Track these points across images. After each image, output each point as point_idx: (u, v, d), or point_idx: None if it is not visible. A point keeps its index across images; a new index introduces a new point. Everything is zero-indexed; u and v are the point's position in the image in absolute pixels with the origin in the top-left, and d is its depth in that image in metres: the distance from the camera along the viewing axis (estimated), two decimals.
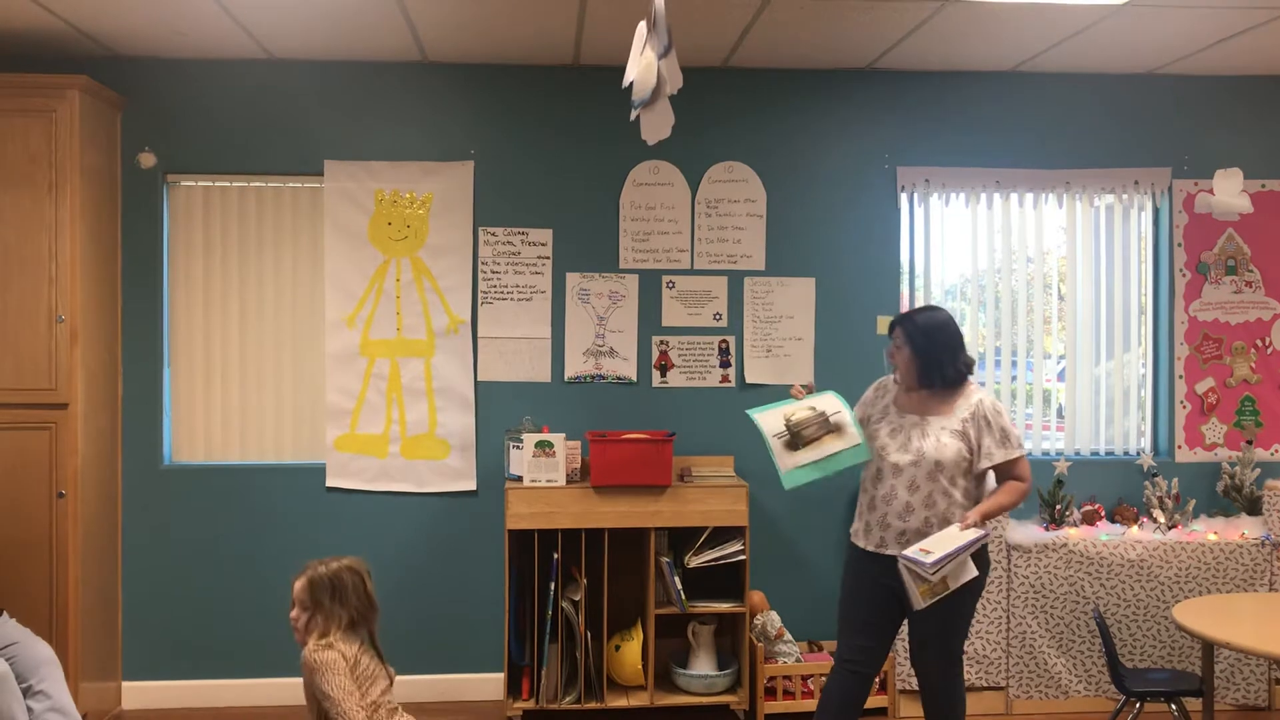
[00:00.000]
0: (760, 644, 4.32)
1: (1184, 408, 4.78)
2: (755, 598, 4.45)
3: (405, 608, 4.49)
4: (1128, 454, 4.84)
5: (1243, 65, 4.59)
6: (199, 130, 4.49)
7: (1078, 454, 4.82)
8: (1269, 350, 4.80)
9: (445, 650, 4.58)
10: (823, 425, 3.32)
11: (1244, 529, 4.46)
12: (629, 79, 2.69)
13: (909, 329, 3.35)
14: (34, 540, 4.00)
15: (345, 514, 4.53)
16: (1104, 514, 4.59)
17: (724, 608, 4.31)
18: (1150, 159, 4.77)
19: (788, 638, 4.40)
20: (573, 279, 4.61)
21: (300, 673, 2.86)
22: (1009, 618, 4.40)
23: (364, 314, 4.54)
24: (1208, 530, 4.48)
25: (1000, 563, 4.37)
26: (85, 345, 4.11)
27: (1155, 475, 4.67)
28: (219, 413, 4.60)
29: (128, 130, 4.47)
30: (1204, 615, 3.52)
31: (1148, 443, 4.88)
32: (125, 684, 4.49)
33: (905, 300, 4.77)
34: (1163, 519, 4.50)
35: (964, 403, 3.30)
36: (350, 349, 4.53)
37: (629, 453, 4.22)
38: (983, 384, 3.44)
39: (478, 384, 4.58)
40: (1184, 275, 4.78)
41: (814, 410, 3.35)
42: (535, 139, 4.59)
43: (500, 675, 4.47)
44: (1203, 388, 4.78)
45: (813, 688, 4.26)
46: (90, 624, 4.17)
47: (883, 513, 3.31)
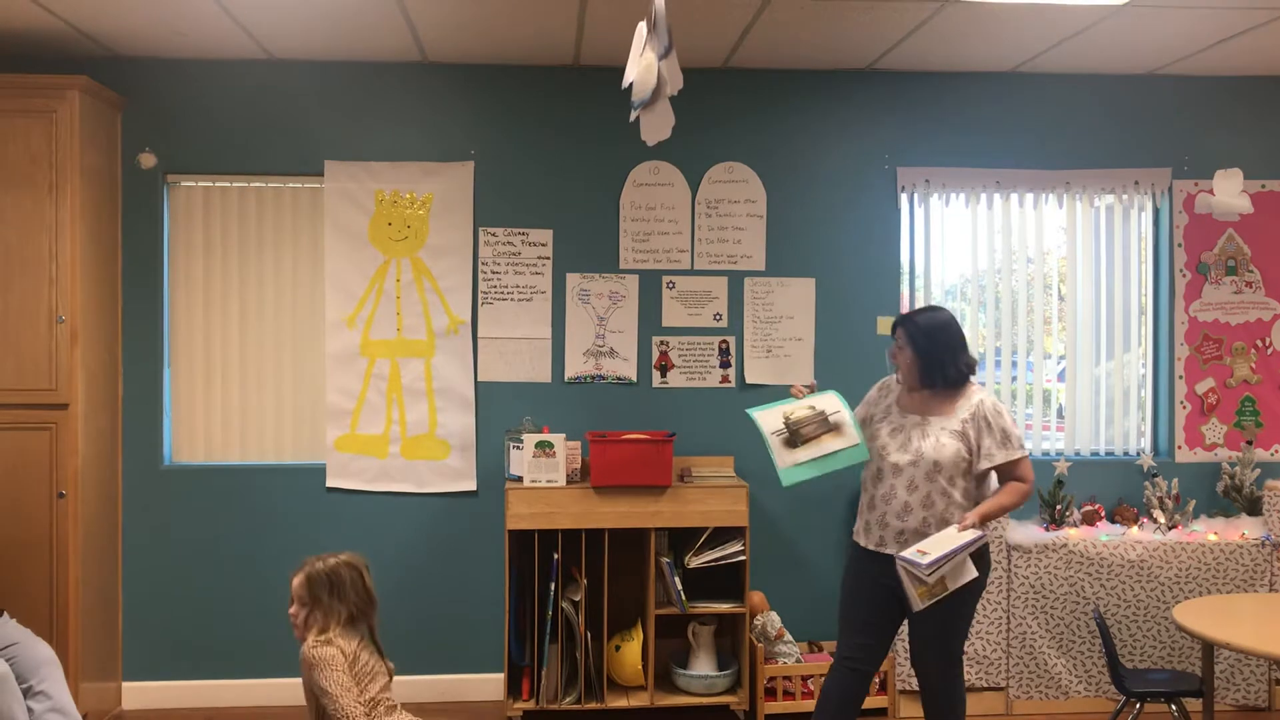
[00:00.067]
0: (760, 644, 4.32)
1: (1184, 408, 4.78)
2: (755, 598, 4.45)
3: (405, 608, 4.50)
4: (1128, 454, 4.85)
5: (1243, 66, 4.59)
6: (199, 130, 4.49)
7: (1078, 454, 4.82)
8: (1269, 351, 4.80)
9: (445, 650, 4.58)
10: (822, 424, 3.34)
11: (1244, 529, 4.46)
12: (629, 80, 2.69)
13: (911, 329, 3.36)
14: (34, 540, 4.00)
15: (345, 514, 4.53)
16: (1104, 514, 4.59)
17: (724, 608, 4.31)
18: (1150, 159, 4.77)
19: (788, 638, 4.40)
20: (573, 279, 4.61)
21: (300, 670, 2.86)
22: (1009, 618, 4.40)
23: (364, 314, 4.54)
24: (1208, 530, 4.48)
25: (1000, 563, 4.37)
26: (85, 345, 4.11)
27: (1155, 475, 4.67)
28: (219, 413, 4.60)
29: (128, 130, 4.47)
30: (1204, 616, 3.51)
31: (1148, 443, 4.88)
32: (125, 684, 4.50)
33: (905, 301, 4.77)
34: (1163, 519, 4.50)
35: (965, 403, 3.30)
36: (350, 349, 4.53)
37: (629, 453, 4.22)
38: (983, 384, 3.43)
39: (478, 384, 4.58)
40: (1184, 275, 4.78)
41: (813, 409, 3.37)
42: (535, 139, 4.59)
43: (500, 675, 4.47)
44: (1203, 388, 4.78)
45: (813, 688, 4.26)
46: (90, 624, 4.17)
47: (882, 512, 3.32)
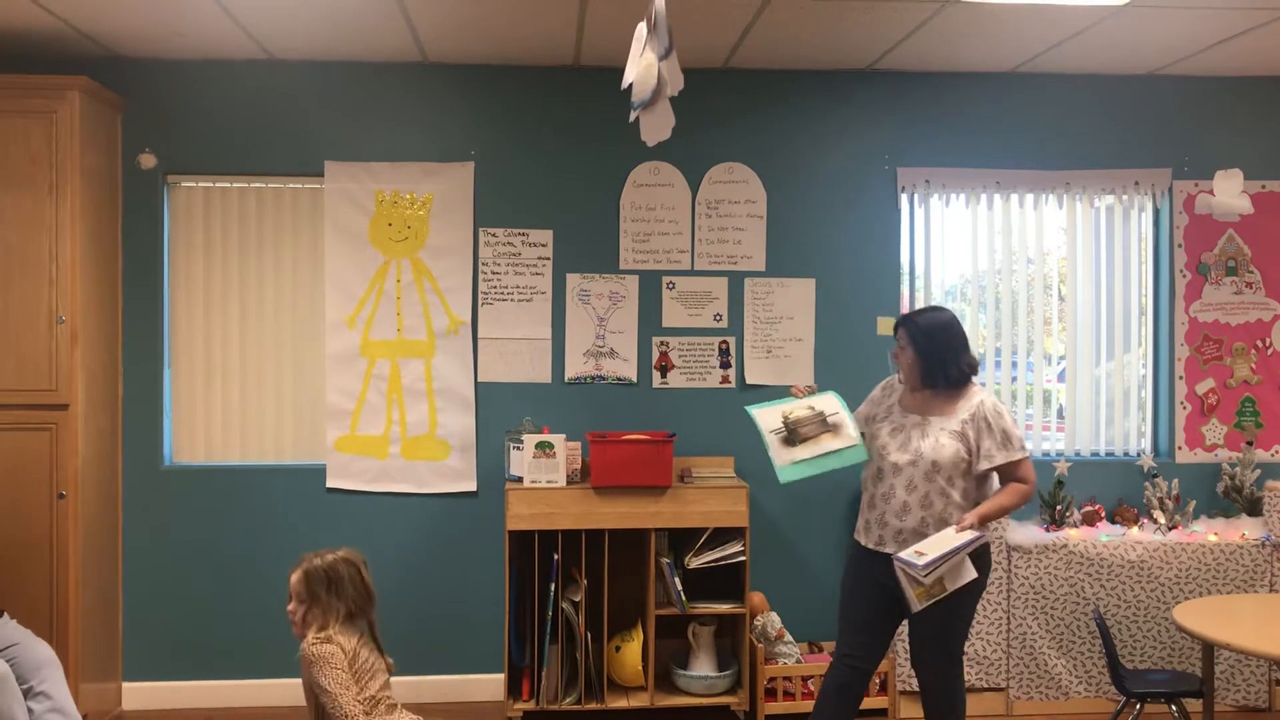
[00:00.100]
0: (760, 645, 4.32)
1: (1184, 408, 4.78)
2: (755, 599, 4.45)
3: (406, 609, 4.50)
4: (1128, 455, 4.84)
5: (1243, 66, 4.59)
6: (199, 131, 4.49)
7: (1078, 455, 4.82)
8: (1269, 351, 4.80)
9: (445, 651, 4.58)
10: (820, 424, 3.36)
11: (1244, 530, 4.46)
12: (628, 80, 2.69)
13: (912, 330, 3.36)
14: (34, 541, 4.00)
15: (345, 515, 4.53)
16: (1104, 515, 4.59)
17: (724, 609, 4.31)
18: (1150, 160, 4.77)
19: (788, 639, 4.40)
20: (573, 280, 4.61)
21: (299, 668, 2.85)
22: (1009, 619, 4.40)
23: (364, 315, 4.54)
24: (1208, 531, 4.48)
25: (1000, 563, 4.37)
26: (86, 346, 4.11)
27: (1155, 476, 4.67)
28: (219, 413, 4.60)
29: (128, 131, 4.47)
30: (1204, 616, 3.52)
31: (1148, 443, 4.88)
32: (125, 685, 4.49)
33: (905, 301, 4.77)
34: (1163, 520, 4.50)
35: (965, 404, 3.30)
36: (351, 350, 4.53)
37: (629, 453, 4.22)
38: (983, 385, 3.43)
39: (478, 385, 4.58)
40: (1184, 276, 4.78)
41: (812, 410, 3.40)
42: (536, 140, 4.59)
43: (500, 676, 4.47)
44: (1203, 388, 4.78)
45: (813, 689, 4.26)
46: (90, 624, 4.17)
47: (881, 511, 3.33)
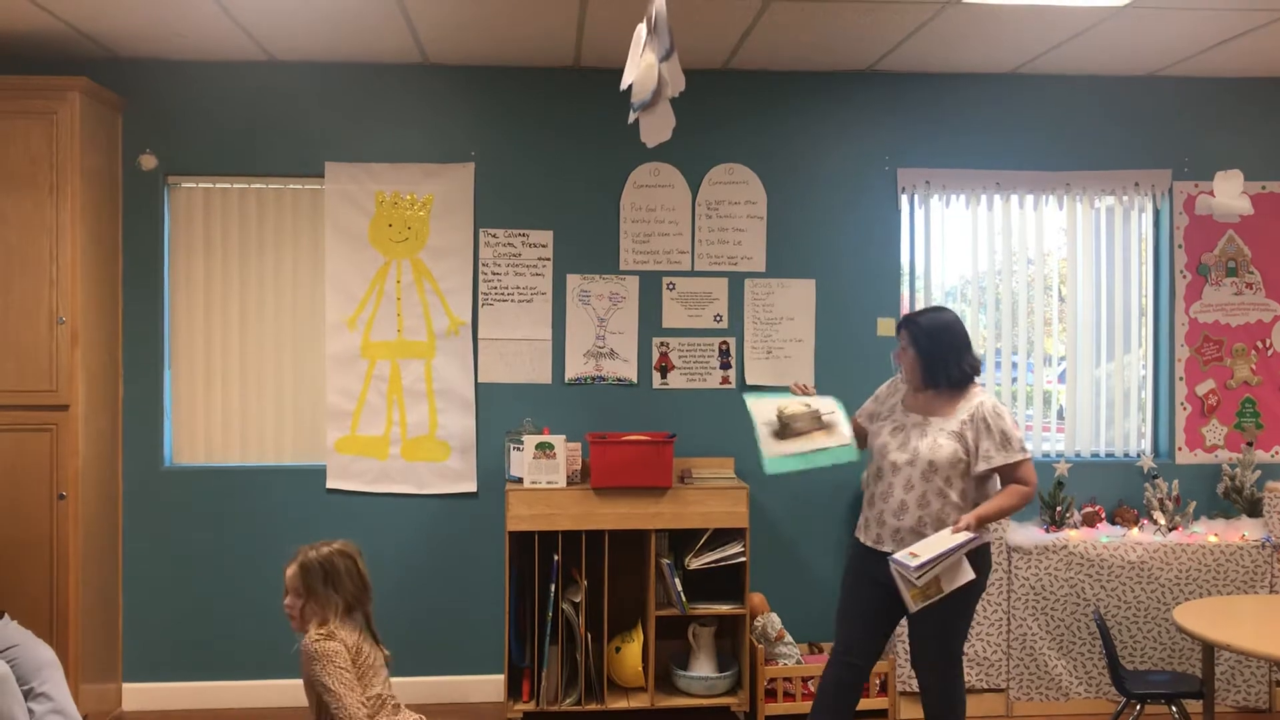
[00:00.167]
0: (761, 646, 4.32)
1: (1184, 409, 4.78)
2: (755, 599, 4.45)
3: (406, 609, 4.50)
4: (1128, 456, 4.84)
5: (1243, 67, 4.60)
6: (200, 132, 4.50)
7: (1078, 455, 4.82)
8: (1269, 352, 4.80)
9: (445, 652, 4.58)
10: (814, 421, 3.41)
11: (1244, 531, 4.46)
12: (627, 81, 2.69)
13: (914, 330, 3.37)
14: (35, 542, 4.00)
15: (346, 516, 4.53)
16: (1104, 516, 4.59)
17: (724, 609, 4.31)
18: (1151, 161, 4.77)
19: (788, 639, 4.40)
20: (573, 280, 4.62)
21: (299, 662, 2.82)
22: (1009, 619, 4.40)
23: (365, 316, 4.54)
24: (1208, 532, 4.48)
25: (1000, 564, 4.36)
26: (86, 347, 4.11)
27: (1156, 477, 4.67)
28: (219, 414, 4.60)
29: (128, 132, 4.47)
30: (1204, 617, 3.52)
31: (1148, 444, 4.88)
32: (126, 685, 4.50)
33: (905, 302, 4.77)
34: (1163, 521, 4.50)
35: (965, 405, 3.30)
36: (351, 351, 4.54)
37: (629, 454, 4.22)
38: (983, 385, 3.43)
39: (478, 385, 4.58)
40: (1184, 277, 4.78)
41: (808, 407, 3.44)
42: (536, 141, 4.60)
43: (500, 677, 4.47)
44: (1203, 389, 4.78)
45: (813, 689, 4.25)
46: (91, 625, 4.17)
47: (880, 510, 3.35)
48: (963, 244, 4.81)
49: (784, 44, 4.25)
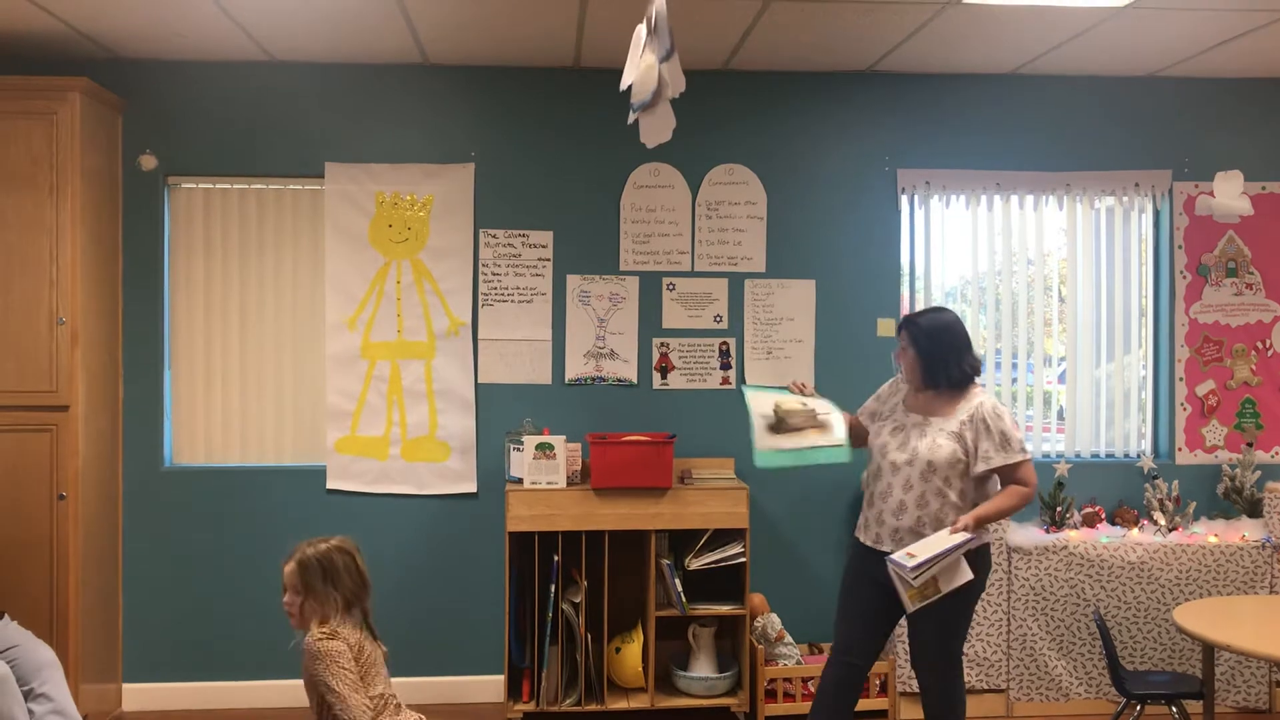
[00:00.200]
0: (761, 646, 4.32)
1: (1184, 410, 4.78)
2: (755, 600, 4.45)
3: (405, 610, 4.50)
4: (1128, 456, 4.84)
5: (1243, 67, 4.60)
6: (200, 132, 4.50)
7: (1078, 456, 4.82)
8: (1269, 353, 4.80)
9: (445, 652, 4.58)
10: (809, 419, 3.42)
11: (1244, 531, 4.46)
12: (627, 82, 2.69)
13: (914, 331, 3.38)
14: (35, 542, 4.00)
15: (346, 516, 4.52)
16: (1104, 516, 4.59)
17: (724, 610, 4.31)
18: (1151, 161, 4.77)
19: (788, 640, 4.40)
20: (573, 281, 4.62)
21: (299, 662, 2.80)
22: (1009, 620, 4.40)
23: (365, 316, 4.54)
24: (1208, 533, 4.48)
25: (1000, 565, 4.36)
26: (86, 347, 4.11)
27: (1156, 477, 4.67)
28: (219, 415, 4.60)
29: (128, 132, 4.47)
30: (1204, 618, 3.51)
31: (1148, 445, 4.88)
32: (125, 686, 4.50)
33: (905, 302, 4.77)
34: (1163, 521, 4.50)
35: (965, 405, 3.31)
36: (351, 351, 4.54)
37: (629, 455, 4.22)
38: (984, 386, 3.44)
39: (478, 386, 4.58)
40: (1184, 277, 4.78)
41: (804, 405, 3.46)
42: (536, 141, 4.60)
43: (500, 677, 4.47)
44: (1203, 390, 4.78)
45: (813, 690, 4.25)
46: (91, 625, 4.17)
47: (879, 509, 3.35)
48: (963, 244, 4.81)
49: (784, 44, 4.25)
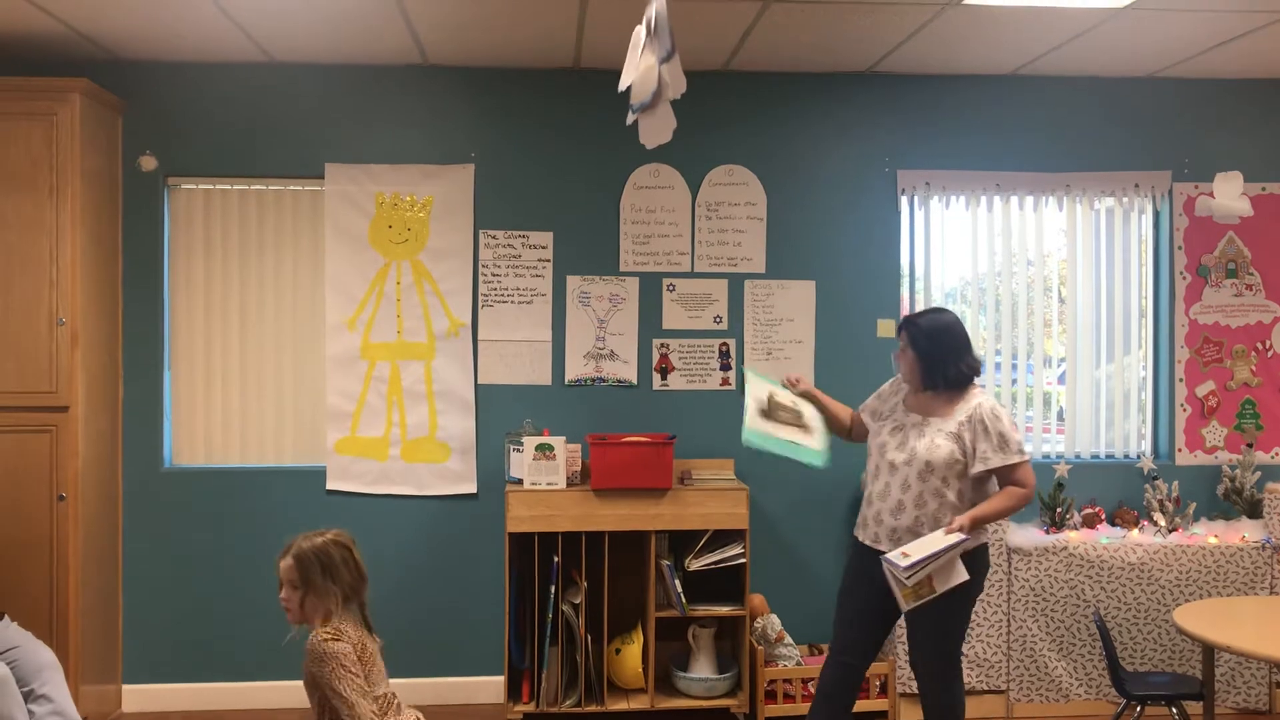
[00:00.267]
0: (761, 647, 4.32)
1: (1184, 411, 4.78)
2: (755, 601, 4.45)
3: (405, 610, 4.50)
4: (1128, 457, 4.84)
5: (1243, 68, 4.60)
6: (200, 133, 4.50)
7: (1078, 457, 4.82)
8: (1269, 353, 4.80)
9: (445, 653, 4.58)
10: (796, 418, 3.61)
11: (1244, 532, 4.46)
12: (626, 83, 2.69)
13: (913, 332, 3.39)
14: (34, 543, 4.00)
15: (346, 517, 4.51)
16: (1104, 517, 4.59)
17: (724, 611, 4.31)
18: (1150, 162, 4.77)
19: (788, 641, 4.40)
20: (573, 282, 4.62)
21: (301, 661, 2.77)
22: (1009, 621, 4.40)
23: (364, 317, 4.54)
24: (1208, 533, 4.47)
25: (1000, 566, 4.36)
26: (86, 348, 4.11)
27: (1156, 478, 4.67)
28: (219, 415, 4.60)
29: (128, 133, 4.48)
30: (1204, 618, 3.51)
31: (1148, 446, 4.88)
32: (125, 687, 4.49)
33: (905, 303, 4.77)
34: (1163, 522, 4.49)
35: (964, 406, 3.31)
36: (351, 352, 4.54)
37: (629, 456, 4.22)
38: (983, 387, 3.44)
39: (478, 387, 4.58)
40: (1184, 278, 4.78)
41: (795, 406, 3.63)
42: (536, 142, 4.60)
43: (500, 678, 4.47)
44: (1203, 391, 4.78)
45: (813, 691, 4.25)
46: (90, 626, 4.17)
47: (878, 509, 3.36)
48: (963, 245, 4.81)
49: (784, 45, 4.25)
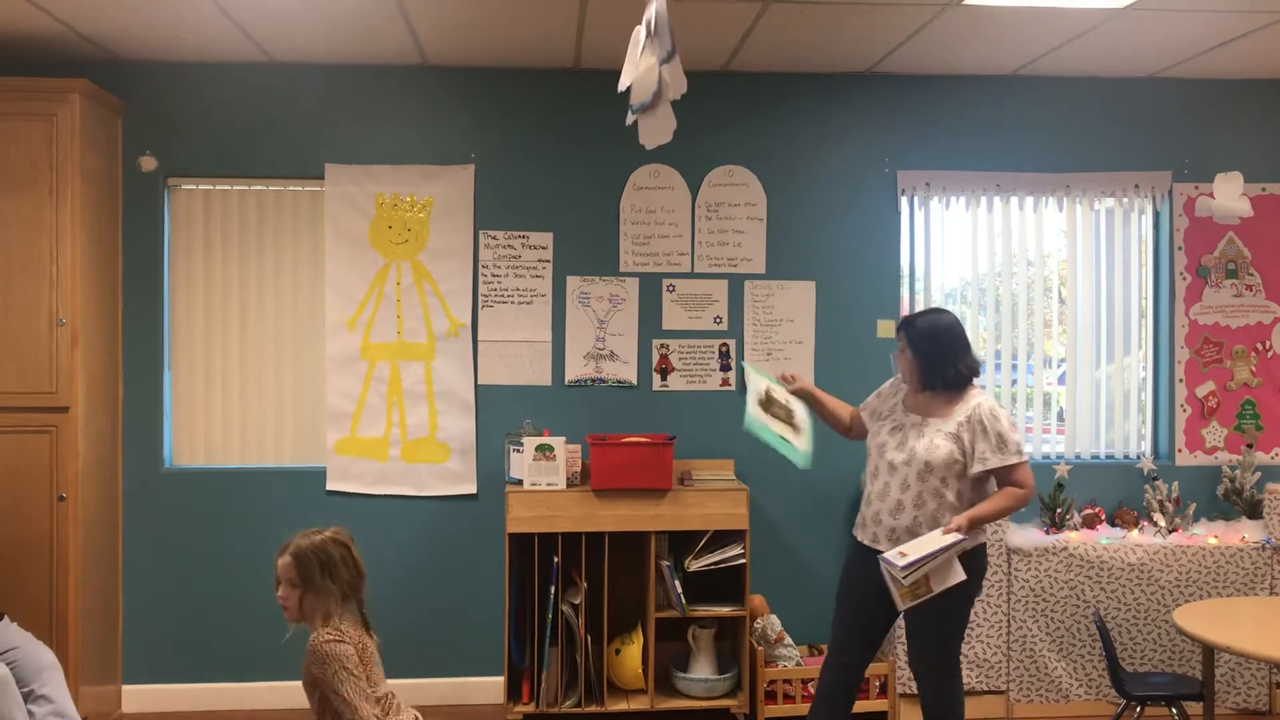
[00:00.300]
0: (760, 647, 4.32)
1: (1184, 411, 4.78)
2: (755, 601, 4.45)
3: (405, 611, 4.50)
4: (1128, 457, 4.84)
5: (1243, 69, 4.60)
6: (200, 134, 4.50)
7: (1078, 457, 4.82)
8: (1269, 354, 4.80)
9: (445, 653, 4.57)
10: (787, 415, 3.67)
11: (1244, 533, 4.46)
12: (625, 83, 2.69)
13: (912, 333, 3.39)
14: (35, 543, 4.00)
15: (345, 517, 4.50)
16: (1104, 517, 4.59)
17: (724, 611, 4.31)
18: (1150, 162, 4.77)
19: (788, 641, 4.40)
20: (573, 282, 4.61)
21: (300, 661, 2.75)
22: (1009, 621, 4.40)
23: (364, 317, 4.54)
24: (1208, 534, 4.47)
25: (1000, 566, 4.36)
26: (86, 348, 4.11)
27: (1155, 479, 4.67)
28: (219, 416, 4.60)
29: (128, 134, 4.48)
30: (1204, 619, 3.51)
31: (1148, 446, 4.88)
32: (125, 687, 4.49)
33: (905, 304, 4.77)
34: (1163, 522, 4.49)
35: (963, 406, 3.31)
36: (351, 352, 4.54)
37: (629, 456, 4.22)
38: (983, 387, 3.44)
39: (478, 387, 4.58)
40: (1184, 279, 4.78)
41: (788, 404, 3.69)
42: (536, 142, 4.60)
43: (500, 679, 4.47)
44: (1203, 391, 4.78)
45: (813, 691, 4.25)
46: (90, 627, 4.17)
47: (876, 509, 3.36)
48: (963, 246, 4.81)
49: (784, 45, 4.25)
